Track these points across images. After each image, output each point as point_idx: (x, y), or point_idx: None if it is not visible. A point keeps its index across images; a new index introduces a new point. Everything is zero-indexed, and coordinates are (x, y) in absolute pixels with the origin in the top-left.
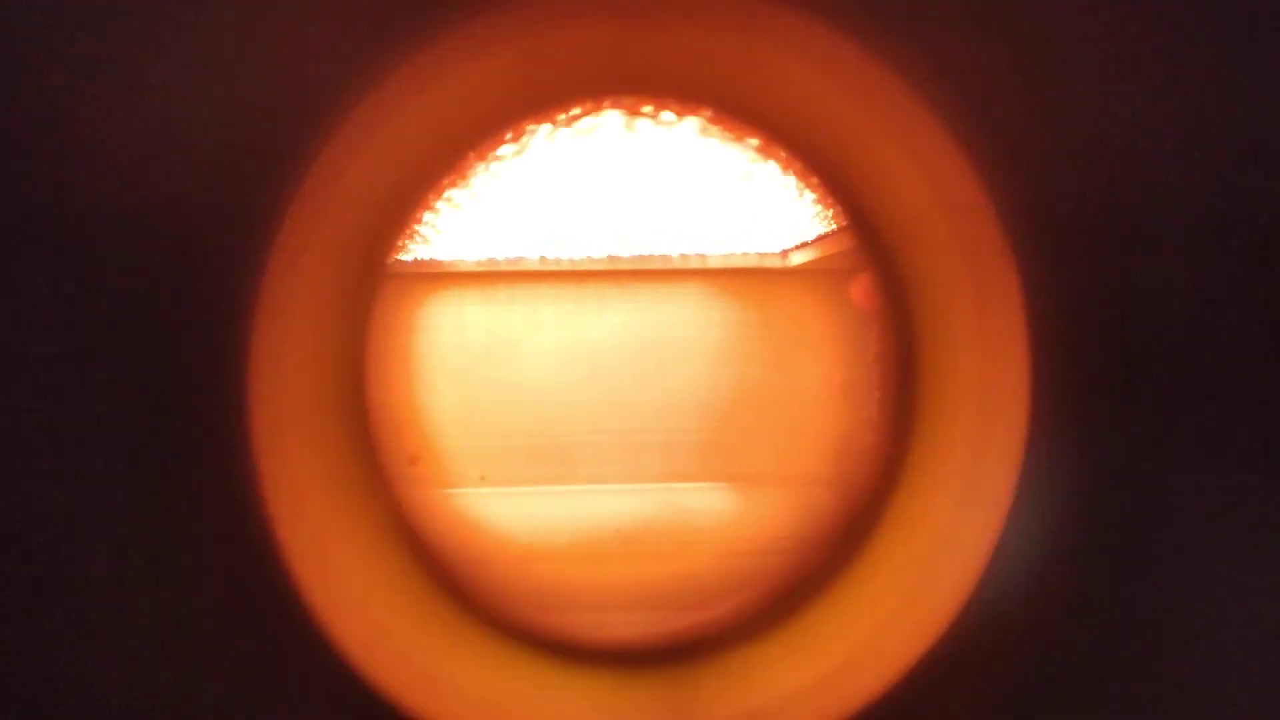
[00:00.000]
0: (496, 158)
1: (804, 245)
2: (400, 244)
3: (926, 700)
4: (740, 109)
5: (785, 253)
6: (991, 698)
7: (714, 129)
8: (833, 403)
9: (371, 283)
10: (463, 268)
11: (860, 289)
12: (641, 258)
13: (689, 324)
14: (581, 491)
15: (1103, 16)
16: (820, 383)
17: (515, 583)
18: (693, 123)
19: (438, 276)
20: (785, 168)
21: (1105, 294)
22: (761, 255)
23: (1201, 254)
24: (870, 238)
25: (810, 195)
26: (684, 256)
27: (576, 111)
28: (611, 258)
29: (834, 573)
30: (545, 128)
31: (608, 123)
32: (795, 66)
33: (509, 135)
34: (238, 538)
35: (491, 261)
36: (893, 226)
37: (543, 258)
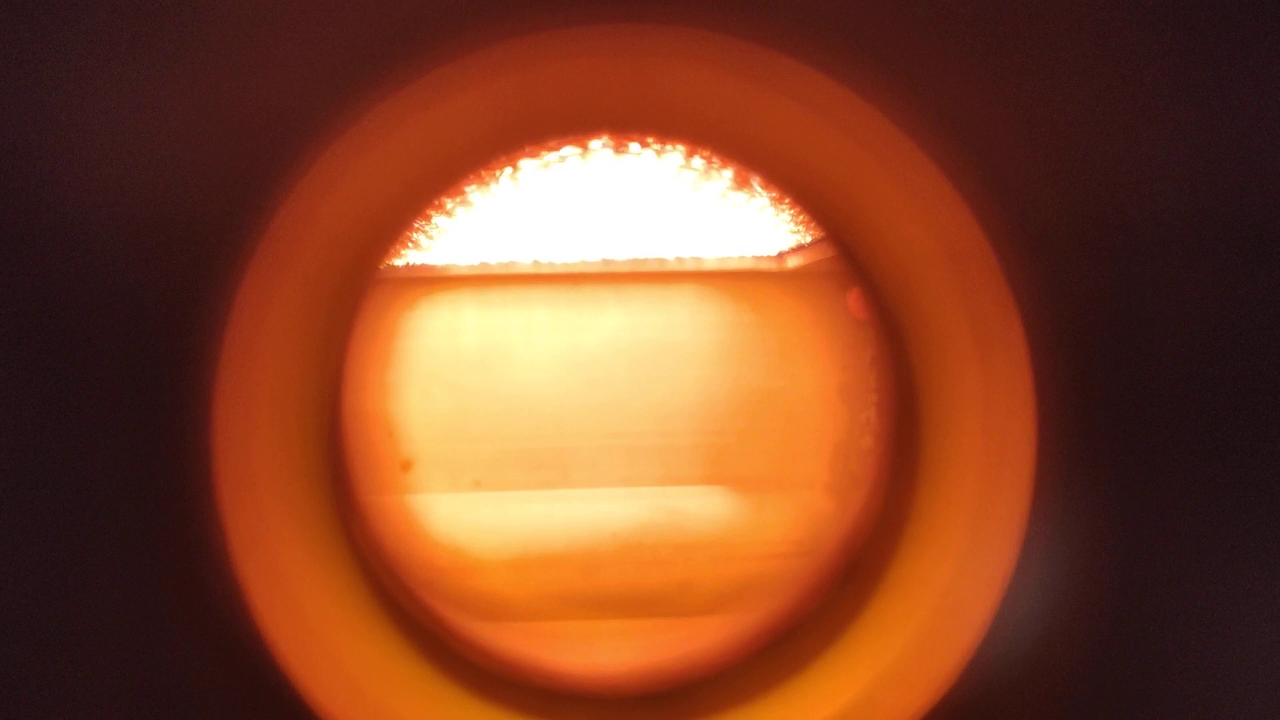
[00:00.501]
0: (490, 171)
1: (800, 248)
2: (391, 254)
3: None
4: (730, 152)
5: (781, 256)
6: None
7: (700, 159)
8: (830, 406)
9: (357, 292)
10: (456, 272)
11: (855, 299)
12: (636, 261)
13: (685, 327)
14: (577, 496)
15: (1099, 55)
16: (817, 386)
17: (494, 626)
18: (677, 153)
19: (432, 281)
20: (779, 199)
21: (1111, 340)
22: (757, 259)
23: (1212, 295)
24: (869, 287)
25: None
26: (679, 260)
27: (560, 148)
28: (606, 261)
29: (829, 625)
30: (531, 161)
31: (593, 156)
32: (789, 110)
33: (499, 163)
34: (197, 575)
35: (485, 266)
36: (890, 276)
37: (536, 261)
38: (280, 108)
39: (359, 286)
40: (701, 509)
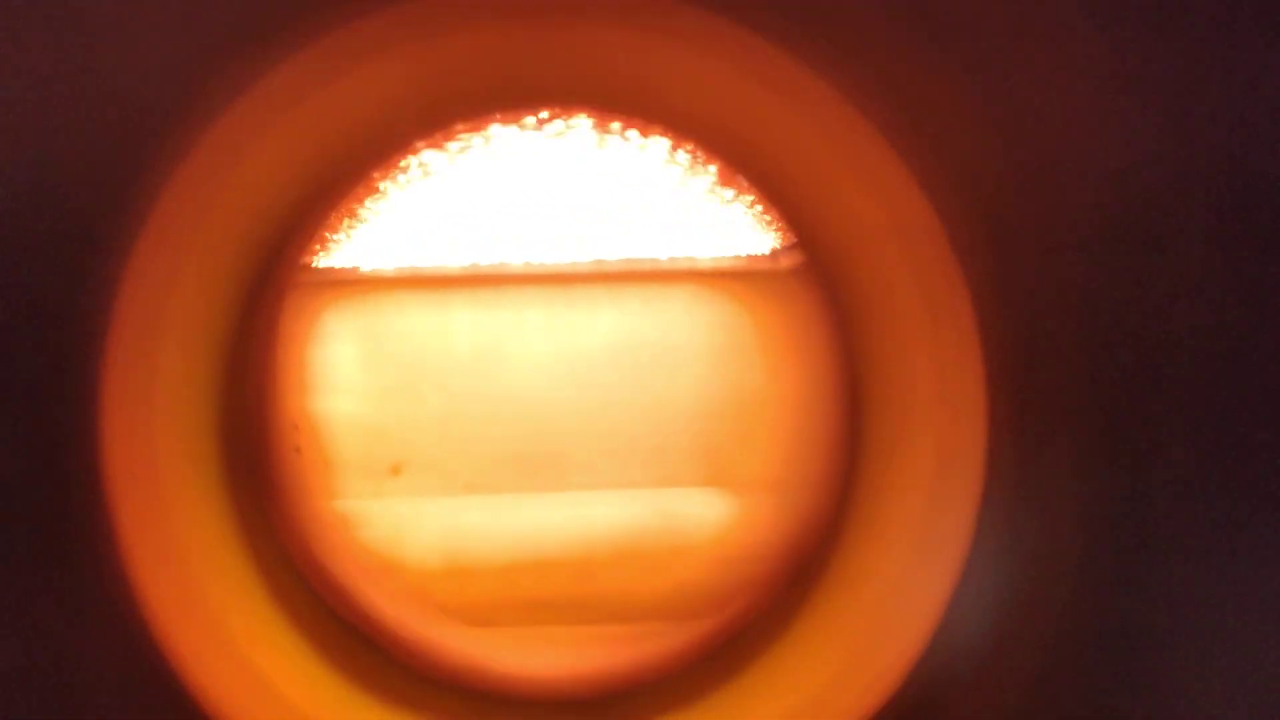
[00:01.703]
0: (455, 151)
1: (794, 246)
2: (313, 249)
3: None
4: (662, 120)
5: (775, 254)
6: None
7: (634, 139)
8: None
9: (279, 284)
10: (446, 273)
11: None
12: (629, 260)
13: (678, 327)
14: (570, 498)
15: (1050, 33)
16: (811, 385)
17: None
18: (613, 131)
19: (420, 282)
20: (720, 182)
21: (1064, 321)
22: (751, 257)
23: (1164, 271)
24: (817, 260)
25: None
26: (672, 259)
27: (527, 121)
28: (598, 261)
29: (774, 624)
30: (459, 143)
31: (576, 147)
32: (723, 74)
33: (460, 141)
34: (100, 592)
35: (475, 266)
36: (840, 250)
37: (528, 262)
38: (159, 82)
39: (278, 280)
40: (696, 509)
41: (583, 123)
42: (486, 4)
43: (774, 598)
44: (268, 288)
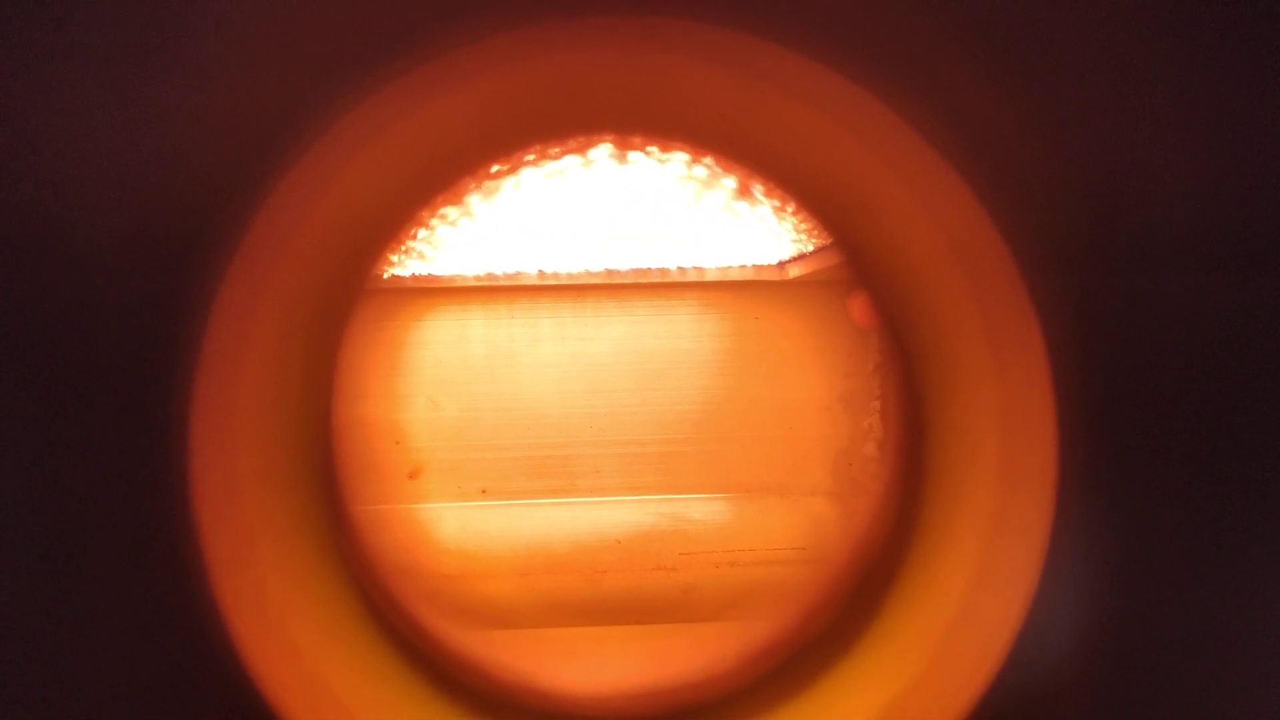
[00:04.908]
0: (490, 176)
1: (802, 257)
2: (384, 262)
3: None
4: (732, 149)
5: (783, 265)
6: None
7: (697, 169)
8: (832, 413)
9: (349, 300)
10: (462, 283)
11: (858, 307)
12: (639, 271)
13: (687, 337)
14: (582, 504)
15: (1114, 50)
16: (820, 394)
17: (493, 649)
18: (680, 161)
19: (439, 291)
20: (781, 208)
21: (1133, 343)
22: (759, 268)
23: (1234, 298)
24: (877, 291)
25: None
26: (681, 270)
27: (555, 150)
28: (609, 271)
29: (840, 640)
30: (531, 167)
31: (592, 159)
32: (793, 108)
33: (498, 167)
34: (170, 587)
35: (490, 276)
36: (899, 279)
37: (541, 272)
38: (259, 108)
39: (350, 295)
40: (705, 516)
41: (597, 152)
42: (554, 39)
43: (834, 610)
44: (341, 302)
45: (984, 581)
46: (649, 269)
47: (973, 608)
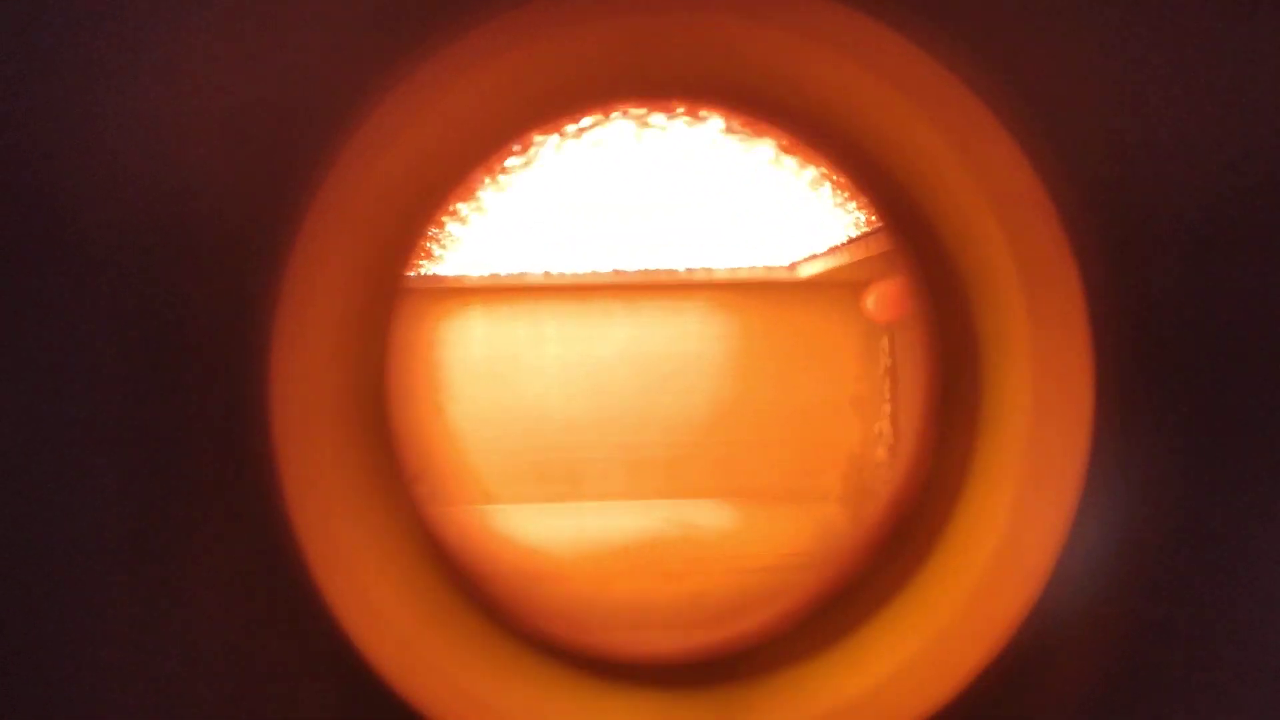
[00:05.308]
0: (504, 170)
1: (812, 257)
2: (416, 258)
3: (986, 714)
4: (765, 107)
5: (793, 265)
6: (1054, 713)
7: (734, 130)
8: (842, 417)
9: (389, 298)
10: (468, 284)
11: (877, 300)
12: (647, 271)
13: (695, 338)
14: (588, 508)
15: (1169, 12)
16: (830, 397)
17: (545, 599)
18: (713, 125)
19: (444, 293)
20: (807, 166)
21: (1171, 292)
22: (769, 268)
23: (1274, 237)
24: (910, 239)
25: (823, 204)
26: (690, 270)
27: (586, 122)
28: (616, 272)
29: (883, 584)
30: (554, 139)
31: (617, 131)
32: (833, 61)
33: (516, 147)
34: (262, 551)
35: (495, 277)
36: (939, 226)
37: (547, 273)
38: (301, 95)
39: (390, 291)
40: (711, 520)
41: (621, 124)
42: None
43: (878, 554)
44: (389, 292)
45: (1023, 517)
46: (657, 269)
47: (1013, 542)
